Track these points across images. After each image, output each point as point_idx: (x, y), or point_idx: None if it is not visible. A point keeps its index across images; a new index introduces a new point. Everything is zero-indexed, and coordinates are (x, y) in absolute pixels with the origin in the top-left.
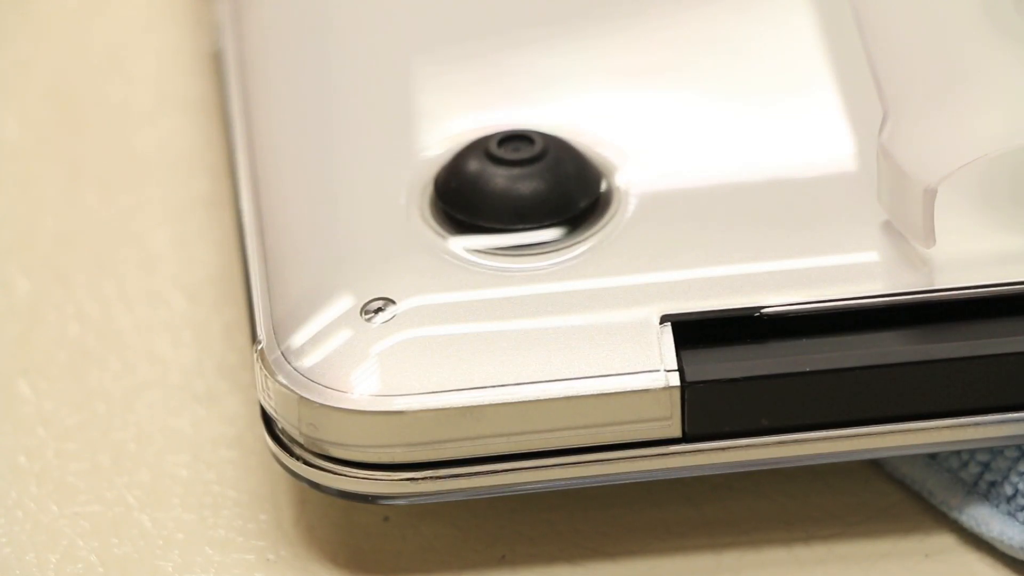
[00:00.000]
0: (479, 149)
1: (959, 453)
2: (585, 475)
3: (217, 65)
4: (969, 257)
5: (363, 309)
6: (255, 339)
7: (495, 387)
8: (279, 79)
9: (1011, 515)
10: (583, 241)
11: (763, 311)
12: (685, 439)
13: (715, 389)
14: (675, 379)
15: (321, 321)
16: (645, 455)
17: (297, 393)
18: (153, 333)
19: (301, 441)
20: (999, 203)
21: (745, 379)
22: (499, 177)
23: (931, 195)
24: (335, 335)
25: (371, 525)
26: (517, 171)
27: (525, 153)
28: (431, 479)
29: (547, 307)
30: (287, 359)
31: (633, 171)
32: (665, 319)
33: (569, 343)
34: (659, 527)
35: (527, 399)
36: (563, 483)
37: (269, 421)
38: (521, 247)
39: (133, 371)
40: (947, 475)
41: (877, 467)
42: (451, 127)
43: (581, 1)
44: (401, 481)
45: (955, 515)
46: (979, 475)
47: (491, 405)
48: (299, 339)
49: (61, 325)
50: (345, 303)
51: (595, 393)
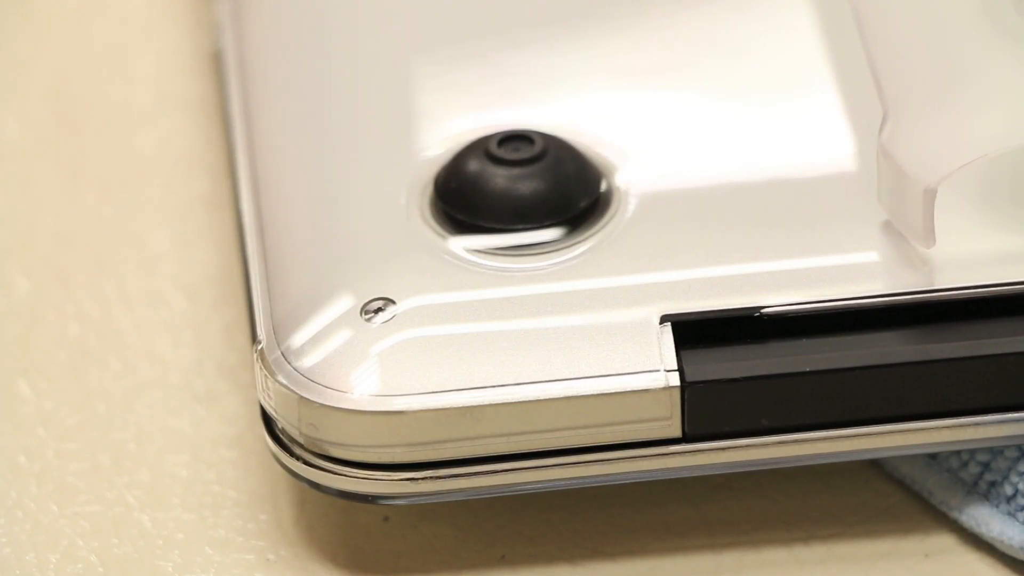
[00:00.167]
0: (479, 149)
1: (959, 453)
2: (585, 475)
3: (217, 65)
4: (969, 257)
5: (363, 309)
6: (255, 339)
7: (495, 387)
8: (279, 79)
9: (1011, 515)
10: (583, 241)
11: (763, 311)
12: (685, 439)
13: (715, 389)
14: (675, 379)
15: (321, 321)
16: (645, 455)
17: (297, 393)
18: (153, 333)
19: (301, 441)
20: (999, 203)
21: (745, 379)
22: (499, 177)
23: (931, 195)
24: (335, 335)
25: (371, 525)
26: (517, 171)
27: (525, 153)
28: (431, 479)
29: (547, 307)
30: (287, 359)
31: (633, 171)
32: (665, 319)
33: (569, 343)
34: (659, 527)
35: (527, 399)
36: (563, 483)
37: (269, 421)
38: (521, 247)
39: (133, 371)
40: (947, 475)
41: (877, 467)
42: (451, 127)
43: (581, 1)
44: (401, 481)
45: (955, 515)
46: (979, 475)
47: (491, 405)
48: (299, 339)
49: (61, 325)
50: (345, 303)
51: (595, 393)
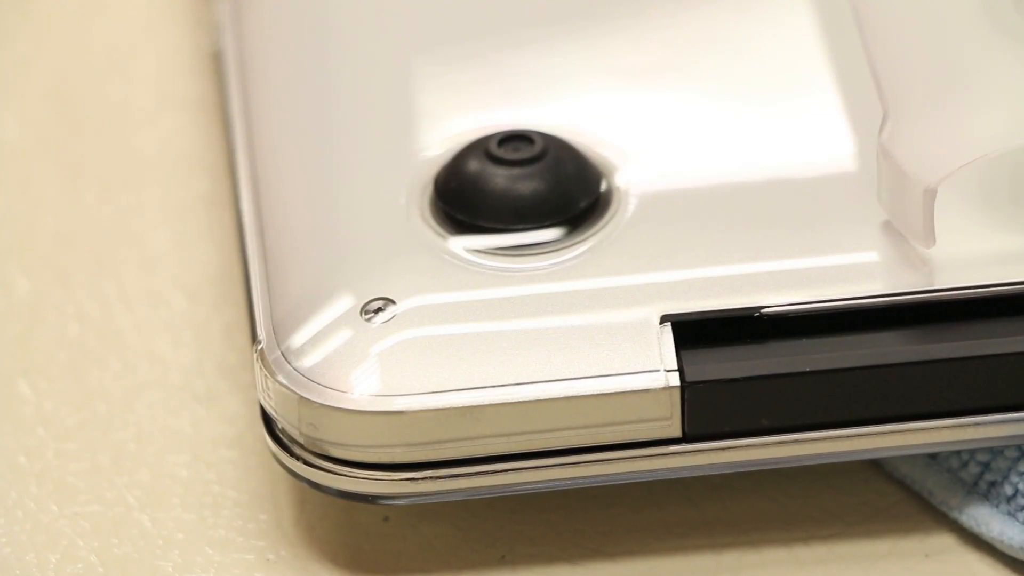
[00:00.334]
0: (479, 149)
1: (959, 453)
2: (585, 475)
3: (217, 65)
4: (969, 257)
5: (363, 309)
6: (255, 339)
7: (495, 387)
8: (279, 79)
9: (1011, 515)
10: (583, 241)
11: (763, 311)
12: (685, 439)
13: (715, 389)
14: (675, 379)
15: (321, 321)
16: (645, 455)
17: (297, 393)
18: (153, 333)
19: (301, 441)
20: (999, 203)
21: (745, 379)
22: (499, 177)
23: (931, 195)
24: (335, 335)
25: (371, 525)
26: (517, 171)
27: (525, 153)
28: (431, 479)
29: (547, 307)
30: (287, 359)
31: (633, 171)
32: (665, 319)
33: (569, 343)
34: (659, 527)
35: (527, 399)
36: (563, 483)
37: (269, 421)
38: (521, 247)
39: (133, 371)
40: (947, 475)
41: (877, 467)
42: (451, 127)
43: (581, 1)
44: (401, 481)
45: (955, 515)
46: (979, 475)
47: (491, 405)
48: (299, 339)
49: (61, 325)
50: (345, 303)
51: (595, 393)
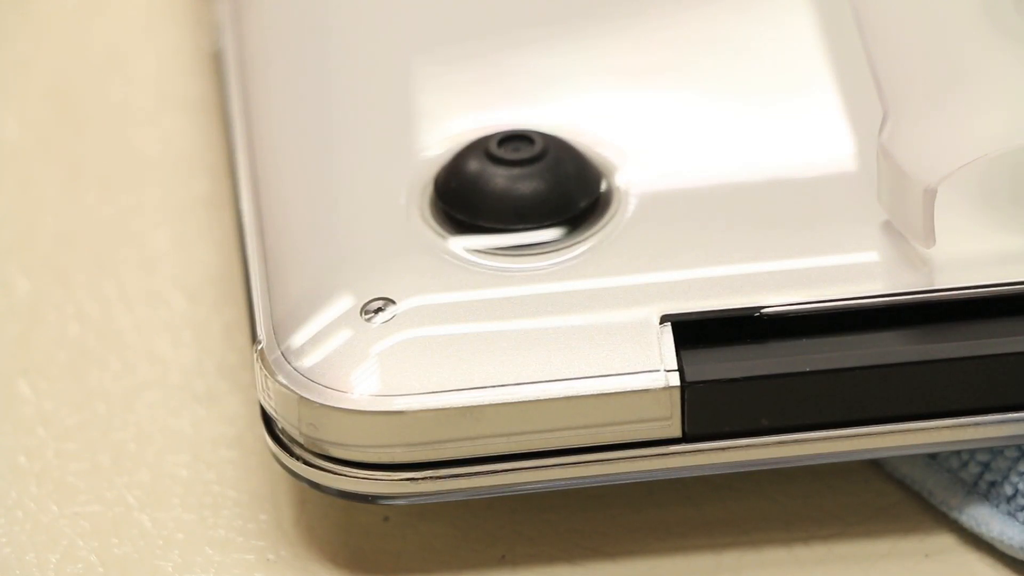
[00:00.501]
0: (479, 149)
1: (959, 453)
2: (585, 475)
3: (217, 65)
4: (969, 257)
5: (363, 309)
6: (255, 339)
7: (495, 387)
8: (279, 79)
9: (1011, 515)
10: (583, 241)
11: (763, 311)
12: (685, 439)
13: (715, 389)
14: (675, 379)
15: (321, 321)
16: (645, 455)
17: (297, 393)
18: (153, 333)
19: (301, 441)
20: (999, 203)
21: (745, 379)
22: (499, 177)
23: (931, 195)
24: (335, 335)
25: (371, 525)
26: (517, 171)
27: (525, 153)
28: (431, 479)
29: (547, 307)
30: (287, 359)
31: (633, 171)
32: (665, 319)
33: (569, 343)
34: (659, 527)
35: (527, 399)
36: (563, 483)
37: (269, 421)
38: (521, 247)
39: (133, 371)
40: (947, 475)
41: (877, 467)
42: (451, 127)
43: (581, 1)
44: (401, 481)
45: (955, 515)
46: (979, 475)
47: (491, 405)
48: (299, 339)
49: (61, 325)
50: (345, 303)
51: (595, 393)
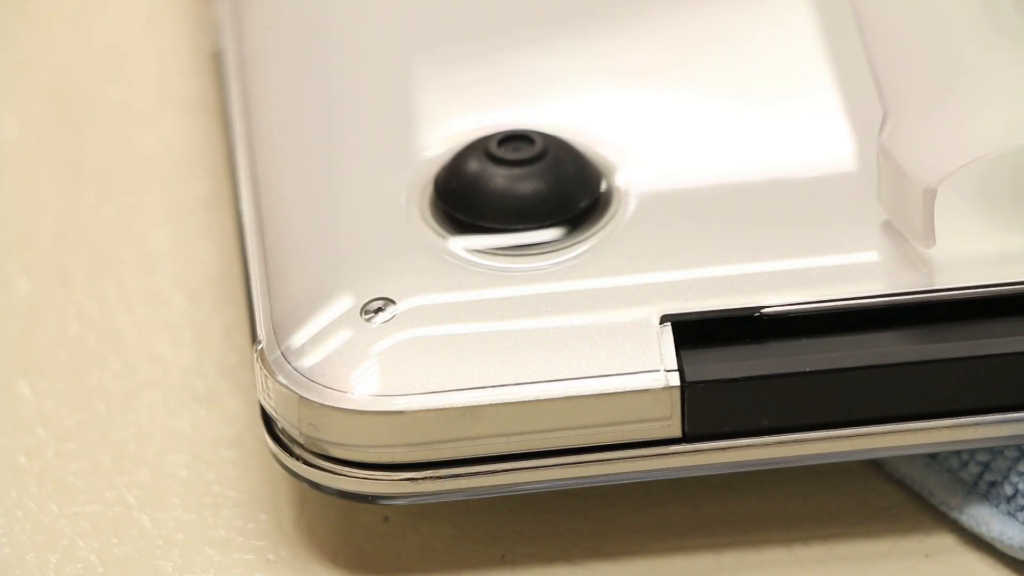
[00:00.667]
0: (479, 149)
1: (959, 453)
2: (585, 475)
3: (217, 65)
4: (969, 257)
5: (363, 309)
6: (255, 339)
7: (495, 387)
8: (279, 79)
9: (1011, 515)
10: (583, 241)
11: (763, 311)
12: (685, 439)
13: (715, 389)
14: (675, 379)
15: (321, 321)
16: (645, 455)
17: (297, 393)
18: (153, 333)
19: (301, 441)
20: (999, 203)
21: (745, 379)
22: (499, 177)
23: (931, 195)
24: (335, 335)
25: (371, 525)
26: (517, 171)
27: (525, 153)
28: (431, 479)
29: (547, 307)
30: (287, 359)
31: (633, 171)
32: (665, 319)
33: (569, 343)
34: (659, 527)
35: (527, 399)
36: (563, 483)
37: (269, 421)
38: (521, 247)
39: (133, 371)
40: (947, 475)
41: (877, 467)
42: (451, 127)
43: (581, 1)
44: (401, 481)
45: (955, 515)
46: (979, 475)
47: (491, 405)
48: (299, 339)
49: (61, 325)
50: (345, 303)
51: (595, 393)
